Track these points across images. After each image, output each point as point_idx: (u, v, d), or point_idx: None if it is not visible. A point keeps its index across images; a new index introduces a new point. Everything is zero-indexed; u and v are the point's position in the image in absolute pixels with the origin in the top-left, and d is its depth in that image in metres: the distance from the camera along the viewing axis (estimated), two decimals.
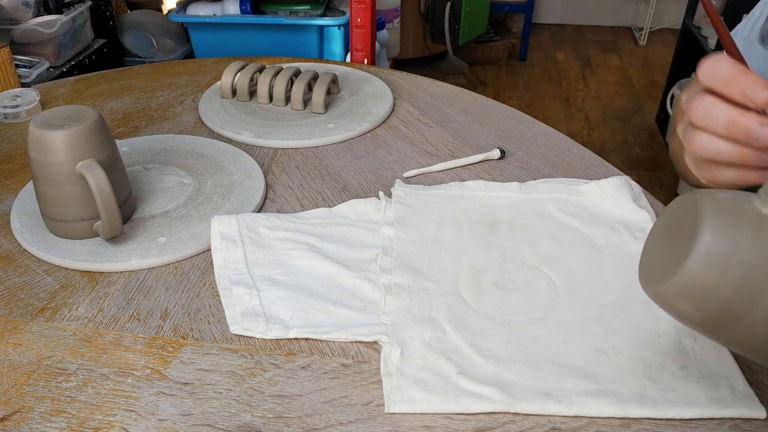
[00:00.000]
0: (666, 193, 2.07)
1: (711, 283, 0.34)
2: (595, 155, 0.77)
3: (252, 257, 0.59)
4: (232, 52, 1.71)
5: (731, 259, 0.34)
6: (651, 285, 0.38)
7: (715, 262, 0.34)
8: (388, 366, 0.48)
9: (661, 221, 0.40)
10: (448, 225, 0.63)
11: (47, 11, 1.66)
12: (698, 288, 0.34)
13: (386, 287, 0.55)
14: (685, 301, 0.35)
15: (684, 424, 0.44)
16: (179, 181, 0.71)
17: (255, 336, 0.52)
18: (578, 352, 0.49)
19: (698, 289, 0.34)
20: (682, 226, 0.37)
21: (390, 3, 1.92)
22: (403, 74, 0.99)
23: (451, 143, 0.79)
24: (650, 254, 0.40)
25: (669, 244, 0.38)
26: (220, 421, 0.45)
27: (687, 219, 0.37)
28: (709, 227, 0.34)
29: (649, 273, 0.39)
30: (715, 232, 0.34)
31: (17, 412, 0.46)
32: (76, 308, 0.55)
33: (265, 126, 0.83)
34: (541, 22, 3.44)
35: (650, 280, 0.38)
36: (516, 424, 0.45)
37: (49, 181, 0.59)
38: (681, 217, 0.38)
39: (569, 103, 2.66)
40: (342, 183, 0.72)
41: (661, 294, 0.36)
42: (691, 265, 0.34)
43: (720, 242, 0.34)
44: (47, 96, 0.94)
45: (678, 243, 0.37)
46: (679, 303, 0.36)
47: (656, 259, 0.39)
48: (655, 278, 0.37)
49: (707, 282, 0.34)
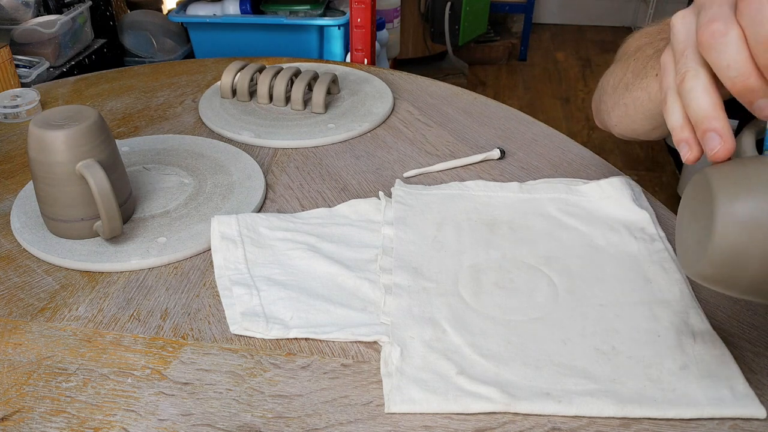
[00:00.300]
0: (666, 193, 2.07)
1: (742, 249, 0.35)
2: (595, 155, 0.77)
3: (252, 257, 0.59)
4: (232, 52, 1.71)
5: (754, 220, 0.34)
6: (692, 269, 0.38)
7: (739, 227, 0.35)
8: (388, 366, 0.48)
9: (684, 208, 0.41)
10: (448, 225, 0.63)
11: (47, 11, 1.66)
12: (733, 258, 0.35)
13: (386, 287, 0.55)
14: (727, 273, 0.36)
15: (684, 424, 0.44)
16: (179, 181, 0.71)
17: (255, 336, 0.52)
18: (578, 352, 0.49)
19: (733, 259, 0.35)
20: (700, 205, 0.38)
21: (390, 3, 1.92)
22: (403, 74, 0.99)
23: (451, 143, 0.79)
24: (683, 240, 0.41)
25: (695, 226, 0.39)
26: (220, 421, 0.45)
27: (703, 197, 0.37)
28: (722, 198, 0.35)
29: (687, 258, 0.39)
30: (729, 200, 0.35)
31: (17, 412, 0.46)
32: (76, 308, 0.55)
33: (265, 126, 0.83)
34: (541, 22, 3.44)
35: (689, 264, 0.39)
36: (516, 424, 0.45)
37: (49, 181, 0.59)
38: (698, 197, 0.38)
39: (569, 103, 2.66)
40: (342, 183, 0.72)
41: (703, 275, 0.37)
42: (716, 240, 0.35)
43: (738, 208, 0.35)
44: (47, 96, 0.94)
45: (702, 222, 0.37)
46: (722, 277, 0.36)
47: (689, 243, 0.39)
48: (693, 261, 0.38)
49: (738, 249, 0.35)
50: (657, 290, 0.55)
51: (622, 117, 0.61)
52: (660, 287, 0.55)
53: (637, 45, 0.64)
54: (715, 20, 0.35)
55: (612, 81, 0.64)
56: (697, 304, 0.53)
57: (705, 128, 0.36)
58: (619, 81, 0.62)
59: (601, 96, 0.68)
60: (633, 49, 0.63)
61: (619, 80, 0.62)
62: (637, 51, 0.61)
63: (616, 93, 0.62)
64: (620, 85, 0.61)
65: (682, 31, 0.39)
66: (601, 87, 0.68)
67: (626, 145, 2.34)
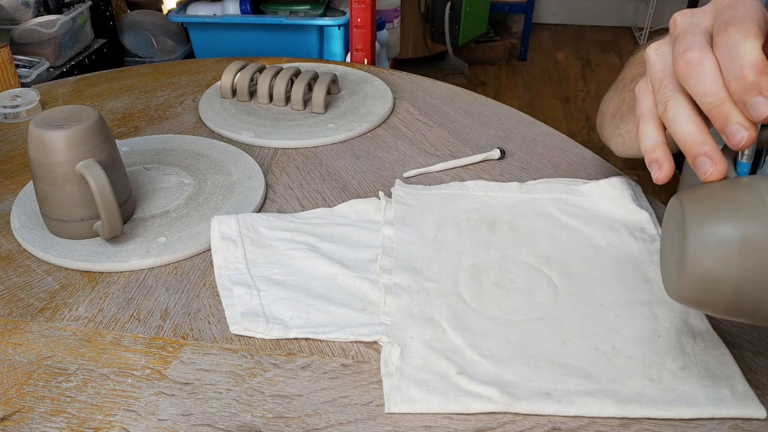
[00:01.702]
0: (666, 193, 2.07)
1: (715, 273, 0.35)
2: (595, 155, 0.77)
3: (252, 257, 0.59)
4: (232, 52, 1.71)
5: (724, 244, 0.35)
6: (671, 292, 0.39)
7: (710, 251, 0.35)
8: (388, 366, 0.48)
9: (664, 231, 0.42)
10: (448, 225, 0.63)
11: (47, 11, 1.66)
12: (707, 281, 0.36)
13: (386, 287, 0.55)
14: (702, 295, 0.36)
15: (684, 424, 0.44)
16: (179, 181, 0.71)
17: (255, 336, 0.52)
18: (578, 352, 0.49)
19: (707, 283, 0.36)
20: (676, 229, 0.39)
21: (390, 3, 1.92)
22: (403, 74, 0.99)
23: (451, 143, 0.79)
24: (664, 263, 0.41)
25: (673, 247, 0.39)
26: (220, 421, 0.45)
27: (677, 221, 0.38)
28: (692, 222, 0.36)
29: (667, 281, 0.40)
30: (699, 224, 0.36)
31: (17, 412, 0.46)
32: (76, 308, 0.55)
33: (265, 126, 0.83)
34: (541, 22, 3.44)
35: (669, 287, 0.40)
36: (516, 424, 0.45)
37: (49, 181, 0.59)
38: (673, 221, 0.39)
39: (569, 103, 2.66)
40: (342, 183, 0.72)
41: (682, 298, 0.38)
42: (688, 265, 0.36)
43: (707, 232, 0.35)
44: (47, 96, 0.94)
45: (677, 245, 0.38)
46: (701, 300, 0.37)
47: (668, 266, 0.40)
48: (672, 284, 0.39)
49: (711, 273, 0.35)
50: (657, 290, 0.55)
51: (620, 145, 0.65)
52: (660, 287, 0.55)
53: (632, 74, 0.65)
54: (690, 49, 0.37)
55: (611, 109, 0.66)
56: None
57: (695, 153, 0.37)
58: (616, 110, 0.64)
59: (601, 121, 0.70)
60: (629, 78, 0.64)
61: (616, 109, 0.64)
62: (632, 81, 0.62)
63: (613, 122, 0.64)
64: (617, 114, 0.64)
65: (657, 62, 0.40)
66: (602, 111, 0.70)
67: None
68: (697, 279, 0.36)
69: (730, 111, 0.36)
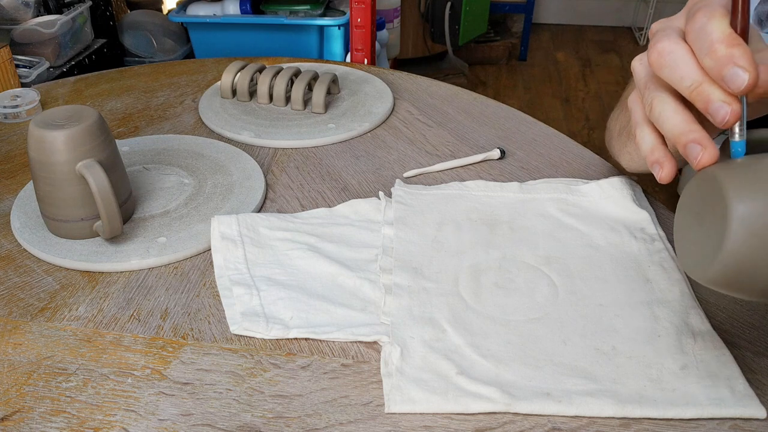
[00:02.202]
0: (666, 193, 2.07)
1: (757, 254, 0.34)
2: (595, 155, 0.77)
3: (252, 257, 0.59)
4: (232, 52, 1.71)
5: None
6: (700, 274, 0.37)
7: (754, 231, 0.33)
8: (388, 366, 0.48)
9: (684, 207, 0.39)
10: (448, 225, 0.63)
11: (47, 11, 1.66)
12: (747, 263, 0.34)
13: (386, 287, 0.55)
14: (741, 278, 0.35)
15: (684, 424, 0.44)
16: (179, 181, 0.71)
17: (255, 336, 0.52)
18: (578, 352, 0.49)
19: (748, 264, 0.34)
20: (707, 205, 0.36)
21: (390, 3, 1.92)
22: (403, 74, 0.99)
23: (451, 143, 0.79)
24: (685, 243, 0.39)
25: (701, 228, 0.37)
26: (220, 421, 0.45)
27: (711, 197, 0.36)
28: (735, 200, 0.34)
29: (693, 262, 0.38)
30: (742, 202, 0.34)
31: (17, 412, 0.46)
32: (76, 308, 0.55)
33: (265, 126, 0.83)
34: (541, 22, 3.44)
35: (696, 268, 0.38)
36: (516, 424, 0.45)
37: (49, 181, 0.59)
38: (704, 197, 0.37)
39: (569, 103, 2.66)
40: (342, 183, 0.72)
41: (714, 280, 0.36)
42: (730, 243, 0.34)
43: (751, 210, 0.33)
44: (47, 96, 0.94)
45: (709, 224, 0.36)
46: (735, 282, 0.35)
47: (693, 246, 0.38)
48: (701, 266, 0.37)
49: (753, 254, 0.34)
50: (657, 290, 0.55)
51: (630, 162, 0.65)
52: (660, 287, 0.55)
53: None
54: (661, 41, 0.37)
55: (617, 127, 0.67)
56: (697, 304, 0.53)
57: (684, 142, 0.37)
58: (622, 128, 0.65)
59: (609, 139, 0.71)
60: None
61: (622, 128, 0.65)
62: None
63: (620, 140, 0.65)
64: (623, 132, 0.65)
65: (641, 70, 0.41)
66: (609, 129, 0.71)
67: None
68: (737, 259, 0.34)
69: (709, 90, 0.36)
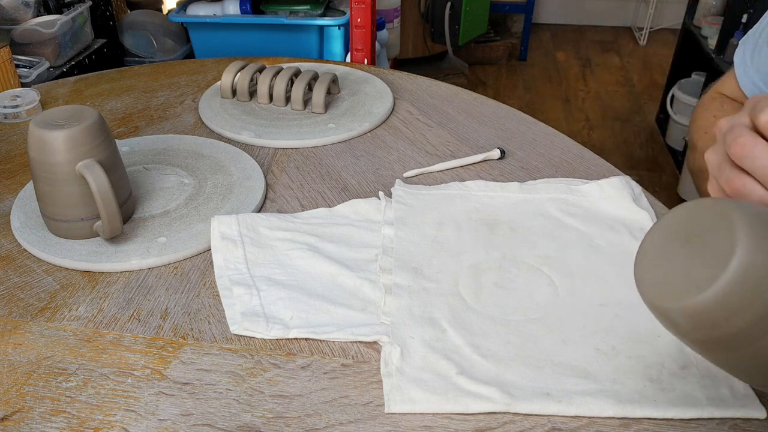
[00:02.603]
0: (666, 193, 2.07)
1: (734, 310, 0.32)
2: (595, 155, 0.77)
3: (252, 257, 0.59)
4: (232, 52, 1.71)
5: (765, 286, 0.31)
6: (656, 298, 0.35)
7: (748, 288, 0.31)
8: (388, 366, 0.48)
9: (671, 223, 0.37)
10: (448, 225, 0.63)
11: (47, 11, 1.66)
12: (717, 313, 0.32)
13: (386, 287, 0.55)
14: (695, 323, 0.33)
15: (684, 424, 0.44)
16: (179, 181, 0.71)
17: (255, 336, 0.52)
18: (578, 352, 0.49)
19: (717, 314, 0.32)
20: (702, 236, 0.34)
21: (390, 3, 1.92)
22: (403, 74, 0.99)
23: (451, 143, 0.79)
24: (654, 260, 0.37)
25: (683, 254, 0.35)
26: (220, 421, 0.45)
27: (712, 230, 0.34)
28: (747, 249, 0.32)
29: (654, 283, 0.36)
30: (753, 254, 0.32)
31: (17, 412, 0.46)
32: (76, 308, 0.55)
33: (265, 126, 0.83)
34: (541, 22, 3.44)
35: (655, 292, 0.35)
36: (516, 424, 0.45)
37: (49, 181, 0.59)
38: (702, 225, 0.35)
39: (569, 103, 2.66)
40: (342, 183, 0.72)
41: (668, 310, 0.34)
42: (718, 289, 0.32)
43: (757, 267, 0.32)
44: (47, 96, 0.94)
45: (697, 257, 0.34)
46: (687, 323, 0.33)
47: (665, 269, 0.36)
48: (663, 292, 0.35)
49: (730, 308, 0.32)
50: None
51: None
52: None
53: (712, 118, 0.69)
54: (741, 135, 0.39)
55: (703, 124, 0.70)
56: None
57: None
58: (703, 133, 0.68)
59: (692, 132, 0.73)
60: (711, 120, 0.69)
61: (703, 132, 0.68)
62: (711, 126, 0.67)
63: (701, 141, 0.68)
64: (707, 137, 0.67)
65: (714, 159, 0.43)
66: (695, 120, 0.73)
67: (626, 146, 2.34)
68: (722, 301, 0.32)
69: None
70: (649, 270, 0.37)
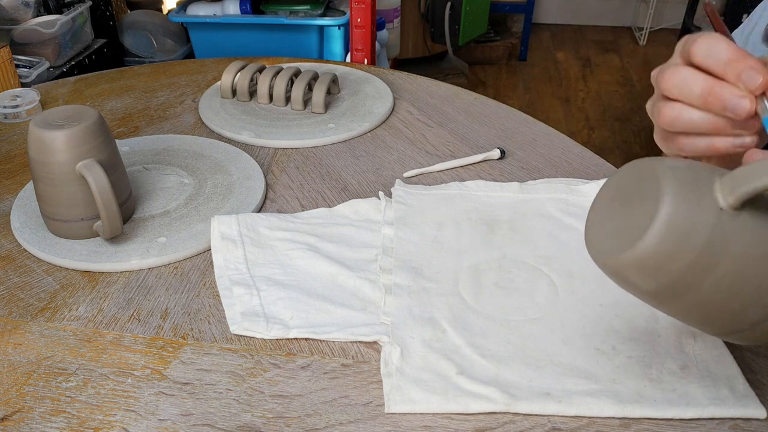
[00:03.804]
0: None
1: (669, 255, 0.34)
2: (595, 155, 0.77)
3: (252, 257, 0.59)
4: (232, 52, 1.71)
5: (691, 232, 0.34)
6: (603, 256, 0.37)
7: (676, 234, 0.34)
8: (388, 366, 0.48)
9: (611, 188, 0.39)
10: (448, 225, 0.63)
11: (47, 11, 1.66)
12: (656, 259, 0.34)
13: (386, 287, 0.55)
14: (640, 272, 0.35)
15: (684, 424, 0.44)
16: (179, 181, 0.71)
17: (255, 336, 0.52)
18: (578, 352, 0.49)
19: (656, 261, 0.34)
20: (636, 194, 0.36)
21: (390, 3, 1.92)
22: (403, 74, 0.99)
23: (451, 143, 0.79)
24: (599, 223, 0.39)
25: (622, 212, 0.37)
26: (220, 421, 0.45)
27: (644, 187, 0.36)
28: (672, 199, 0.34)
29: (601, 243, 0.38)
30: (677, 203, 0.34)
31: (17, 412, 0.46)
32: (76, 308, 0.55)
33: (265, 126, 0.83)
34: (541, 22, 3.44)
35: (602, 250, 0.37)
36: (516, 424, 0.45)
37: (49, 181, 0.59)
38: (636, 184, 0.37)
39: (569, 103, 2.66)
40: (342, 183, 0.72)
41: (616, 265, 0.36)
42: (651, 236, 0.34)
43: (682, 214, 0.34)
44: (47, 96, 0.94)
45: (633, 212, 0.36)
46: (634, 274, 0.35)
47: (608, 228, 0.38)
48: (608, 249, 0.36)
49: (665, 254, 0.34)
50: None
51: None
52: None
53: None
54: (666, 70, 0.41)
55: None
56: None
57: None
58: None
59: None
60: None
61: None
62: None
63: None
64: None
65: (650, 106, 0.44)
66: None
67: (626, 145, 2.34)
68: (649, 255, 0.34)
69: (722, 90, 0.38)
70: (597, 233, 0.39)
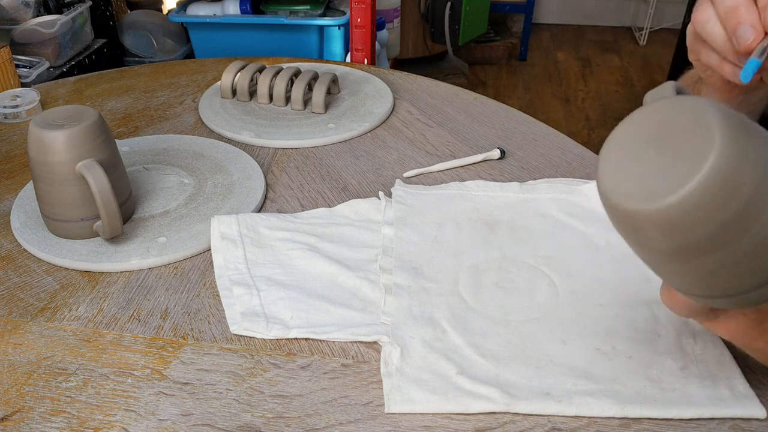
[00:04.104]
0: None
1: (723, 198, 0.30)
2: (595, 155, 0.77)
3: (252, 257, 0.59)
4: (232, 52, 1.71)
5: (741, 184, 0.30)
6: (632, 201, 0.32)
7: (726, 183, 0.30)
8: (388, 366, 0.48)
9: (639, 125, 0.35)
10: (448, 225, 0.63)
11: (47, 11, 1.66)
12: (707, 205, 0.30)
13: (386, 287, 0.55)
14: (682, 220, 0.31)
15: (684, 424, 0.44)
16: (179, 181, 0.71)
17: (255, 336, 0.52)
18: (578, 352, 0.49)
19: (701, 209, 0.30)
20: (675, 136, 0.32)
21: (390, 3, 1.92)
22: (403, 74, 0.99)
23: (451, 143, 0.79)
24: (622, 163, 0.34)
25: (655, 154, 0.33)
26: (220, 421, 0.45)
27: (687, 129, 0.32)
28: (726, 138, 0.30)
29: (625, 186, 0.33)
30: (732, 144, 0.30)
31: (17, 412, 0.46)
32: (76, 308, 0.55)
33: (265, 126, 0.83)
34: (541, 22, 3.44)
35: (629, 194, 0.33)
36: (516, 424, 0.45)
37: (49, 181, 0.59)
38: (674, 126, 0.33)
39: (569, 103, 2.66)
40: (342, 183, 0.72)
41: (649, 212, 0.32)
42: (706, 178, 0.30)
43: (736, 156, 0.30)
44: (47, 96, 0.94)
45: (673, 155, 0.32)
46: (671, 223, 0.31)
47: (637, 170, 0.33)
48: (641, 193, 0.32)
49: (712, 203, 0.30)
50: (657, 290, 0.54)
51: None
52: (660, 287, 0.55)
53: None
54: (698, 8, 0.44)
55: None
56: None
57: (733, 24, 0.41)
58: None
59: None
60: None
61: None
62: None
63: None
64: None
65: None
66: None
67: None
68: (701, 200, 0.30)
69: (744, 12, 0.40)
70: (615, 173, 0.34)
